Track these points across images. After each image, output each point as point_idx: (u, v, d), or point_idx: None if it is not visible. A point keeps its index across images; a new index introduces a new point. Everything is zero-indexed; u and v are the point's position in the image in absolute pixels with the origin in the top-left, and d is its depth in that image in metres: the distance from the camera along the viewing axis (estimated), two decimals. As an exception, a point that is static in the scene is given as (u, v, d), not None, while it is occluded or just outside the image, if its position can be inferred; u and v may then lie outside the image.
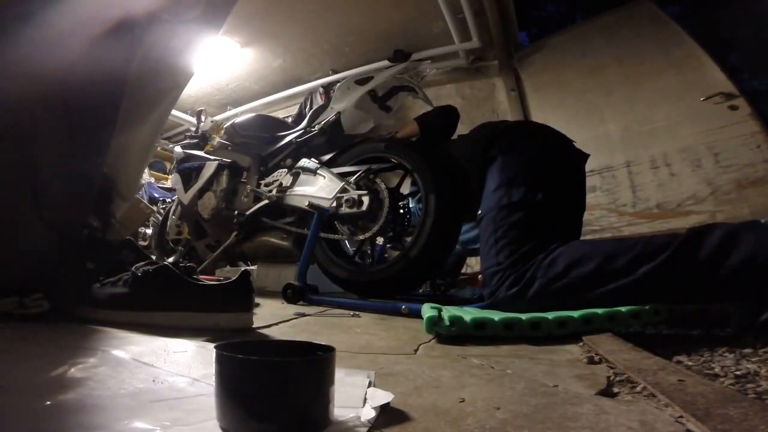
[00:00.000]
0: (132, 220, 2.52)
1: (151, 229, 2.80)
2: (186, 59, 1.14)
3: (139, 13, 0.94)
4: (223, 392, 0.35)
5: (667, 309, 0.88)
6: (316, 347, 0.41)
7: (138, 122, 1.13)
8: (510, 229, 1.11)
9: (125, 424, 0.35)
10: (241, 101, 4.19)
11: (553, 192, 1.15)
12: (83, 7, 0.85)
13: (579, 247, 1.01)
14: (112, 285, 0.89)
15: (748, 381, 0.55)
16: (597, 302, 0.89)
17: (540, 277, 1.00)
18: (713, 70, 2.26)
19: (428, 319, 0.80)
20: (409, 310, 1.11)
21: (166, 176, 4.01)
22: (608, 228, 2.44)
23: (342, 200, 1.52)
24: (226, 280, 0.86)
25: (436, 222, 1.41)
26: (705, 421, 0.35)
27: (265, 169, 1.91)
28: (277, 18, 3.10)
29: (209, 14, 1.08)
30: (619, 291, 0.90)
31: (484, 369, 0.58)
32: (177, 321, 0.82)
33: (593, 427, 0.36)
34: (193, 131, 2.39)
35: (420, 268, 1.42)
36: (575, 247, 1.02)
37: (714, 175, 2.18)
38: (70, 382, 0.45)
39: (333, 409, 0.36)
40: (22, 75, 0.81)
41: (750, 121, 2.13)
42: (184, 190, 2.09)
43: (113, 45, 0.90)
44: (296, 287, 1.41)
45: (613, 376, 0.53)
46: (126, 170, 1.23)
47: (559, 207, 1.17)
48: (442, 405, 0.42)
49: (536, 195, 1.12)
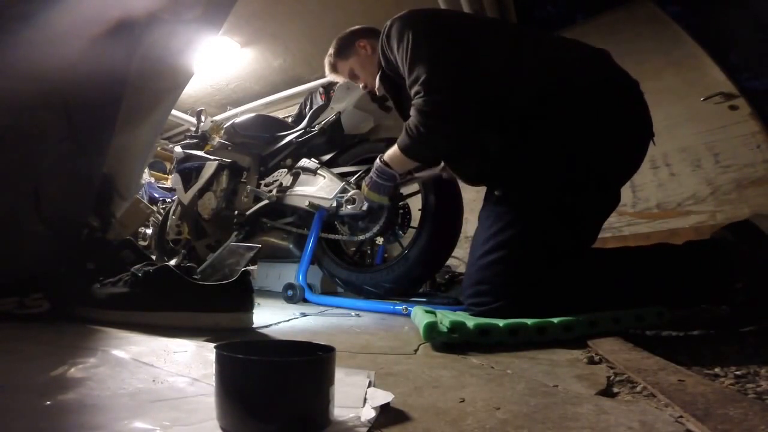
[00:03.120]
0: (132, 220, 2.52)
1: (151, 229, 2.80)
2: (186, 59, 1.14)
3: (139, 13, 0.94)
4: (223, 392, 0.35)
5: (670, 311, 0.88)
6: (316, 347, 0.41)
7: (138, 122, 1.13)
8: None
9: (125, 424, 0.35)
10: (241, 101, 4.19)
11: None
12: (83, 7, 0.85)
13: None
14: (112, 285, 0.89)
15: (748, 381, 0.55)
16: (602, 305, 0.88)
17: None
18: (713, 70, 2.26)
19: (426, 325, 0.73)
20: (409, 311, 1.11)
21: (166, 176, 4.01)
22: (608, 228, 2.44)
23: (342, 200, 1.52)
24: (226, 281, 0.86)
25: (436, 222, 1.41)
26: (705, 421, 0.35)
27: (265, 169, 1.91)
28: (277, 18, 3.10)
29: (209, 14, 1.08)
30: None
31: (484, 369, 0.58)
32: (177, 321, 0.82)
33: (593, 427, 0.36)
34: (193, 131, 2.39)
35: (420, 268, 1.43)
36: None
37: (714, 175, 2.18)
38: (70, 382, 0.45)
39: (333, 409, 0.36)
40: (23, 75, 0.81)
41: (750, 121, 2.13)
42: (184, 190, 2.09)
43: (113, 45, 0.90)
44: (297, 287, 1.41)
45: (613, 376, 0.53)
46: (126, 170, 1.23)
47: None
48: (442, 405, 0.42)
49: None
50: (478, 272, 0.96)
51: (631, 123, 0.99)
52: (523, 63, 0.99)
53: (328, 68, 1.47)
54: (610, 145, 0.97)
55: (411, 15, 1.09)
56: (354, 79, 1.45)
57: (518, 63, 0.99)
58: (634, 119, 1.00)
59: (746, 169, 2.09)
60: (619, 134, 0.98)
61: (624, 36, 2.55)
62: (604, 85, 0.98)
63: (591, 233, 1.03)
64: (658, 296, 0.89)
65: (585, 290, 0.91)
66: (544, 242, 0.94)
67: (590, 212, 0.99)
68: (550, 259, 0.93)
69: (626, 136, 0.99)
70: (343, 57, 1.42)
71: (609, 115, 0.96)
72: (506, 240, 0.95)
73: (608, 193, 1.01)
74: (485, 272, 0.95)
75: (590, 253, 1.02)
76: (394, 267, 1.45)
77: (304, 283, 1.46)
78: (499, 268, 0.94)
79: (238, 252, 0.97)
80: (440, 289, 1.96)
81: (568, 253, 0.95)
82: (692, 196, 2.23)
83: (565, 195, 0.95)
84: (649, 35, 2.48)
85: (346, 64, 1.42)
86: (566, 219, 0.95)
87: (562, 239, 0.95)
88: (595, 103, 0.96)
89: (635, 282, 0.92)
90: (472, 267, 0.99)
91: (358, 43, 1.39)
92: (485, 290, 0.94)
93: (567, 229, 0.95)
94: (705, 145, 2.23)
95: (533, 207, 0.96)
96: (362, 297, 1.49)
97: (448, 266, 2.02)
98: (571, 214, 0.95)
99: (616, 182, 1.03)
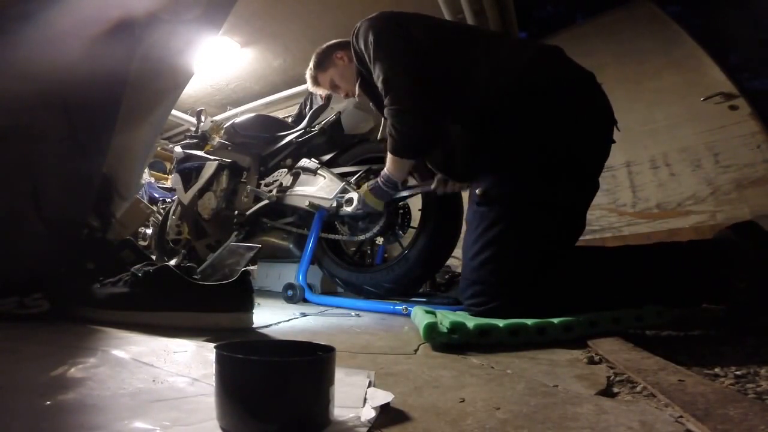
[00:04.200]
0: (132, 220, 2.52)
1: (151, 229, 2.80)
2: (186, 59, 1.14)
3: (139, 13, 0.94)
4: (223, 392, 0.35)
5: (670, 311, 0.88)
6: (316, 347, 0.41)
7: (138, 122, 1.13)
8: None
9: (125, 424, 0.35)
10: (241, 101, 4.19)
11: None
12: (83, 7, 0.85)
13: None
14: (112, 285, 0.89)
15: (748, 381, 0.55)
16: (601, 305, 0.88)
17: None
18: (713, 70, 2.26)
19: (426, 326, 0.72)
20: (409, 311, 1.11)
21: (166, 176, 4.01)
22: (608, 228, 2.44)
23: (342, 200, 1.52)
24: (226, 281, 0.86)
25: (436, 222, 1.42)
26: (705, 421, 0.35)
27: (265, 169, 1.91)
28: (277, 18, 3.10)
29: (209, 14, 1.08)
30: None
31: (484, 369, 0.58)
32: (177, 321, 0.82)
33: (593, 427, 0.36)
34: (193, 131, 2.39)
35: (420, 268, 1.43)
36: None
37: (714, 175, 2.18)
38: (70, 382, 0.45)
39: (333, 409, 0.36)
40: (23, 75, 0.81)
41: (750, 121, 2.13)
42: (184, 190, 2.09)
43: (113, 45, 0.90)
44: (297, 287, 1.41)
45: (613, 376, 0.53)
46: (126, 170, 1.23)
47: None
48: (442, 405, 0.42)
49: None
50: (472, 273, 0.97)
51: (590, 112, 1.02)
52: (480, 63, 1.02)
53: (309, 82, 1.53)
54: (573, 134, 0.99)
55: (377, 17, 1.15)
56: (335, 89, 1.49)
57: (476, 63, 1.03)
58: (592, 109, 1.03)
59: (746, 169, 2.09)
60: (580, 123, 1.00)
61: (624, 36, 2.55)
62: (561, 78, 1.01)
63: (575, 223, 1.03)
64: (658, 296, 0.90)
65: (585, 290, 0.91)
66: (530, 236, 0.95)
67: (570, 201, 1.00)
68: (540, 252, 0.94)
69: (587, 124, 1.01)
70: (322, 69, 1.47)
71: (568, 106, 0.99)
72: (493, 238, 0.96)
73: (584, 181, 1.03)
74: (479, 272, 0.96)
75: (590, 251, 1.02)
76: (394, 267, 1.45)
77: (304, 283, 1.46)
78: (491, 267, 0.95)
79: (238, 252, 0.97)
80: (440, 289, 1.96)
81: (557, 245, 0.96)
82: (692, 196, 2.23)
83: (541, 187, 0.96)
84: (649, 35, 2.48)
85: (326, 76, 1.46)
86: (548, 211, 0.96)
87: (547, 232, 0.96)
88: (553, 97, 0.98)
89: (635, 281, 0.92)
90: (466, 269, 1.00)
91: (335, 55, 1.43)
92: (481, 290, 0.95)
93: (551, 221, 0.96)
94: (705, 145, 2.23)
95: (514, 203, 0.97)
96: (362, 297, 1.49)
97: (448, 266, 2.02)
98: (552, 205, 0.96)
99: (590, 170, 1.04)
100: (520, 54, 1.03)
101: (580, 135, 0.99)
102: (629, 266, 0.94)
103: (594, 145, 1.03)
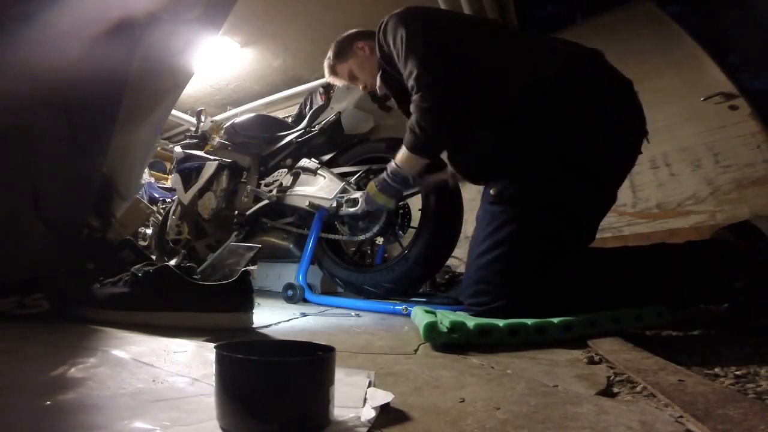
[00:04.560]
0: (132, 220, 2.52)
1: (151, 229, 2.80)
2: (186, 59, 1.14)
3: (139, 13, 0.94)
4: (223, 392, 0.35)
5: (670, 311, 0.88)
6: (316, 347, 0.41)
7: (138, 122, 1.13)
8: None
9: (125, 424, 0.35)
10: (241, 101, 4.19)
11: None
12: (83, 7, 0.85)
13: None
14: (112, 285, 0.89)
15: (748, 381, 0.55)
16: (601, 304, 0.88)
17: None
18: (713, 70, 2.26)
19: (426, 326, 0.72)
20: (409, 311, 1.11)
21: (166, 176, 4.01)
22: (608, 228, 2.44)
23: (342, 200, 1.52)
24: (226, 281, 0.86)
25: (436, 222, 1.41)
26: (705, 421, 0.35)
27: (265, 169, 1.91)
28: (277, 18, 3.10)
29: (209, 14, 1.08)
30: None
31: (484, 369, 0.58)
32: (177, 321, 0.82)
33: (593, 427, 0.36)
34: (193, 131, 2.39)
35: (420, 268, 1.43)
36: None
37: (714, 175, 2.18)
38: (70, 382, 0.45)
39: (333, 409, 0.36)
40: (23, 75, 0.81)
41: (750, 121, 2.13)
42: (184, 190, 2.09)
43: (113, 45, 0.90)
44: (297, 287, 1.41)
45: (613, 376, 0.53)
46: (126, 170, 1.23)
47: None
48: (442, 405, 0.42)
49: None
50: (477, 272, 0.97)
51: (623, 121, 1.00)
52: (514, 62, 1.00)
53: (327, 71, 1.49)
54: (602, 143, 0.97)
55: (406, 11, 1.12)
56: (353, 80, 1.45)
57: (509, 62, 1.01)
58: (626, 118, 1.00)
59: (746, 169, 2.09)
60: (611, 132, 0.98)
61: (624, 36, 2.55)
62: (596, 83, 0.99)
63: (588, 231, 1.02)
64: (657, 296, 0.90)
65: (585, 290, 0.91)
66: (540, 239, 0.94)
67: (585, 210, 0.99)
68: (547, 256, 0.93)
69: (619, 134, 0.99)
70: (341, 59, 1.43)
71: (601, 113, 0.97)
72: (503, 238, 0.95)
73: (603, 192, 1.02)
74: (484, 272, 0.95)
75: (590, 252, 1.02)
76: (394, 267, 1.45)
77: (304, 283, 1.46)
78: (497, 267, 0.94)
79: (238, 252, 0.97)
80: (440, 289, 1.96)
81: (566, 251, 0.95)
82: (692, 196, 2.23)
83: (558, 192, 0.95)
84: (649, 35, 2.48)
85: (345, 66, 1.43)
86: (561, 217, 0.95)
87: (558, 237, 0.95)
88: (587, 101, 0.96)
89: (635, 282, 0.92)
90: (471, 267, 0.99)
91: (356, 45, 1.40)
92: (484, 290, 0.94)
93: (563, 227, 0.95)
94: (705, 145, 2.23)
95: (528, 205, 0.96)
96: (362, 297, 1.49)
97: (448, 266, 2.02)
98: (566, 212, 0.95)
99: (610, 180, 1.03)
100: (559, 52, 1.01)
101: (608, 145, 0.98)
102: (629, 267, 0.94)
103: (619, 156, 1.01)
